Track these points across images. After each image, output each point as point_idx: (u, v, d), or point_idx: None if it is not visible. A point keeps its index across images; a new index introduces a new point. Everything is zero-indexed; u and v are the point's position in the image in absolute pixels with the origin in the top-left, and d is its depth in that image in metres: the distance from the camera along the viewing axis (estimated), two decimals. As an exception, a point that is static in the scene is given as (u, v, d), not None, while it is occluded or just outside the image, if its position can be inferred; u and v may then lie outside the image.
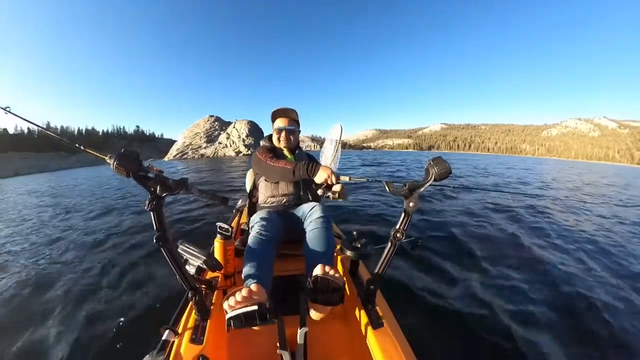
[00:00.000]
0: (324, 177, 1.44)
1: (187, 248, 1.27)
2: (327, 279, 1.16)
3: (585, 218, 5.31)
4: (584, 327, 2.08)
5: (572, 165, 39.92)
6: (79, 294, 2.50)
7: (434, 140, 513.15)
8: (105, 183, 12.61)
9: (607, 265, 3.10)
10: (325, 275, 1.16)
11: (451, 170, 1.07)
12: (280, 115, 1.95)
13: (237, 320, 1.00)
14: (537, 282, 2.66)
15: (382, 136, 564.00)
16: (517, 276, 2.74)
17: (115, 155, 0.92)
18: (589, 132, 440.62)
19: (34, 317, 2.22)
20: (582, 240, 3.88)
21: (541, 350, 1.84)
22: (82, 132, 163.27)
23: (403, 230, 1.16)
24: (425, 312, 2.13)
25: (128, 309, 2.21)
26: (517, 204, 6.05)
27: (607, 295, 2.47)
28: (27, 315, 2.26)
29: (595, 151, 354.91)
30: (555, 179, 13.64)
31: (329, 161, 1.71)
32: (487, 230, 4.19)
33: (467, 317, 2.10)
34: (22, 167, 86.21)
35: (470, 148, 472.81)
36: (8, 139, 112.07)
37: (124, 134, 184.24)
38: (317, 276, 1.16)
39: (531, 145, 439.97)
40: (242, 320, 1.00)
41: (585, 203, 6.98)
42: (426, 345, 1.78)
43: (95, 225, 4.97)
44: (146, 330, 1.96)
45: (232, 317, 0.99)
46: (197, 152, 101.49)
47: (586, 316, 2.19)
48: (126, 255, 3.32)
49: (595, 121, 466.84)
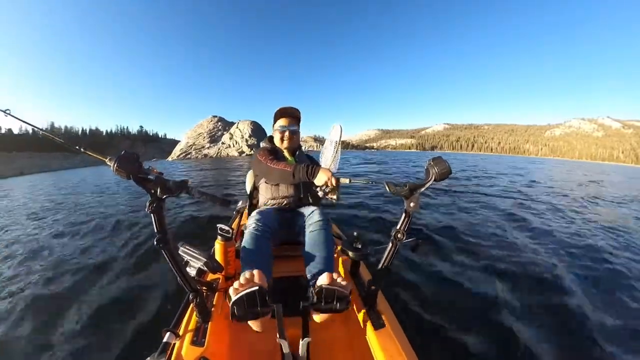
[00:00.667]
0: (324, 179, 1.44)
1: (187, 250, 1.27)
2: (333, 290, 1.11)
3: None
4: (590, 332, 2.05)
5: (579, 166, 39.49)
6: (79, 294, 2.50)
7: (436, 140, 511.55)
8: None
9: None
10: (332, 284, 1.13)
11: (451, 170, 1.08)
12: (284, 114, 1.93)
13: (240, 306, 1.02)
14: (541, 283, 2.64)
15: (385, 136, 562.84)
16: (523, 277, 2.72)
17: (116, 157, 0.91)
18: (592, 132, 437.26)
19: (33, 316, 2.22)
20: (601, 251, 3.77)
21: (544, 350, 1.83)
22: (86, 132, 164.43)
23: (404, 231, 1.16)
24: (426, 313, 2.11)
25: (129, 311, 2.20)
26: (520, 205, 6.01)
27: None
28: (27, 313, 2.26)
29: (600, 151, 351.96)
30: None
31: (329, 162, 1.71)
32: (491, 230, 4.17)
33: (469, 318, 2.09)
34: (27, 166, 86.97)
35: (473, 148, 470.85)
36: (12, 139, 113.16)
37: (128, 133, 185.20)
38: (322, 287, 1.12)
39: (534, 146, 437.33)
40: (245, 304, 1.02)
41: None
42: (428, 346, 1.77)
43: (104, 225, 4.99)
44: (147, 333, 1.95)
45: (235, 302, 1.01)
46: (200, 152, 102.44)
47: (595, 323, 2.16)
48: (126, 255, 3.33)
49: (599, 121, 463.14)
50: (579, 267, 3.03)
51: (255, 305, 1.03)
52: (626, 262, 3.20)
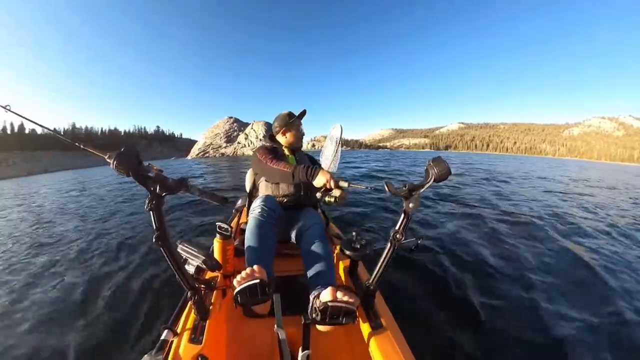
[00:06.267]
0: (323, 181, 1.43)
1: (186, 248, 1.27)
2: (339, 307, 1.06)
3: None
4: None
5: (607, 168, 37.97)
6: (78, 292, 2.53)
7: (451, 139, 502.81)
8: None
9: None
10: (336, 301, 1.07)
11: (451, 170, 1.06)
12: (300, 116, 1.98)
13: (243, 295, 1.09)
14: (543, 284, 2.58)
15: (399, 136, 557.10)
16: (520, 278, 2.67)
17: (115, 154, 0.92)
18: (613, 131, 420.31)
19: (31, 315, 2.25)
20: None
21: (544, 353, 1.81)
22: (105, 132, 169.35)
23: (403, 231, 1.15)
24: (424, 313, 2.10)
25: (127, 308, 2.21)
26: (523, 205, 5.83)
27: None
28: (26, 313, 2.29)
29: (619, 152, 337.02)
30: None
31: (329, 162, 1.70)
32: (492, 230, 4.09)
33: (468, 319, 2.07)
34: (51, 165, 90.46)
35: (489, 148, 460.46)
36: (34, 138, 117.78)
37: (145, 133, 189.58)
38: (327, 304, 1.06)
39: (551, 146, 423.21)
40: (247, 293, 1.09)
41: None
42: (425, 346, 1.74)
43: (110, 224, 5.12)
44: (145, 330, 1.94)
45: (239, 292, 1.09)
46: (217, 152, 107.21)
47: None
48: (126, 254, 3.37)
49: (620, 120, 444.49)
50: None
51: (256, 295, 1.10)
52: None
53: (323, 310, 1.07)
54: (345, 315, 1.08)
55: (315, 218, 1.66)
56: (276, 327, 1.10)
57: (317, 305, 1.09)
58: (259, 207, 1.54)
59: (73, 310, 2.29)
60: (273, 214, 1.55)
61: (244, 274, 1.12)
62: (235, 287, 1.10)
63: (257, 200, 1.64)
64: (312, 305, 1.17)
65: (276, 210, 1.60)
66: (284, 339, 1.09)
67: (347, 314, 1.08)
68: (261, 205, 1.55)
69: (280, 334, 1.09)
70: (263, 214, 1.51)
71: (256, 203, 1.61)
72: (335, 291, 1.09)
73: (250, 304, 1.13)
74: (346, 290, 1.11)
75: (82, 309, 2.28)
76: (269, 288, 1.12)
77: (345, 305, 1.07)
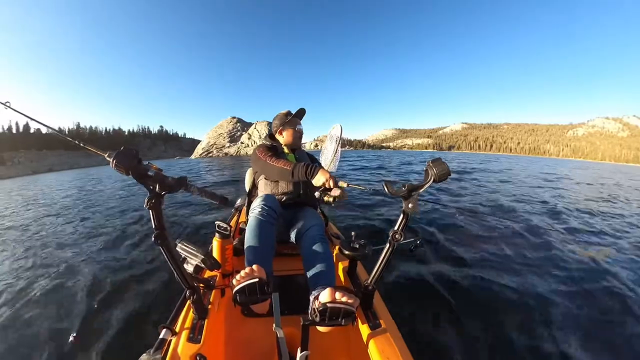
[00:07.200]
0: (322, 180, 1.43)
1: (185, 247, 1.27)
2: (338, 308, 1.06)
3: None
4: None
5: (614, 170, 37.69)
6: (77, 291, 2.53)
7: (454, 140, 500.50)
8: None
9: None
10: (335, 302, 1.07)
11: (450, 171, 1.05)
12: (298, 115, 1.98)
13: (242, 294, 1.10)
14: (543, 284, 2.58)
15: (402, 136, 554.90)
16: (520, 278, 2.67)
17: (114, 152, 0.92)
18: (617, 131, 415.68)
19: (30, 313, 2.26)
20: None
21: (542, 354, 1.80)
22: (109, 132, 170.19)
23: (402, 232, 1.15)
24: (423, 313, 2.10)
25: (126, 307, 2.21)
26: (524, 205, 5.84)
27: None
28: (25, 312, 2.29)
29: (624, 152, 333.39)
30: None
31: (329, 161, 1.69)
32: (492, 230, 4.08)
33: (467, 319, 2.06)
34: (56, 163, 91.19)
35: (492, 148, 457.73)
36: (39, 137, 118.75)
37: (149, 133, 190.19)
38: (327, 305, 1.06)
39: (555, 146, 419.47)
40: (246, 292, 1.10)
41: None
42: (423, 346, 1.76)
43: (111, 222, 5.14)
44: (144, 329, 1.96)
45: (238, 290, 1.09)
46: (221, 151, 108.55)
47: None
48: (125, 254, 3.37)
49: (625, 120, 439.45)
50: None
51: (255, 294, 1.11)
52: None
53: (322, 311, 1.07)
54: (345, 316, 1.08)
55: (315, 218, 1.65)
56: (275, 327, 1.10)
57: (316, 306, 1.09)
58: (260, 207, 1.54)
59: (71, 308, 2.28)
60: (273, 214, 1.55)
61: (244, 273, 1.13)
62: (234, 286, 1.11)
63: (258, 199, 1.63)
64: (312, 306, 1.17)
65: (276, 209, 1.59)
66: (283, 338, 1.09)
67: (346, 315, 1.08)
68: (262, 204, 1.55)
69: (279, 333, 1.09)
70: (263, 213, 1.51)
71: (256, 202, 1.60)
72: (335, 292, 1.09)
73: (249, 302, 1.14)
74: (345, 291, 1.11)
75: (79, 307, 2.28)
76: (268, 287, 1.12)
77: (344, 307, 1.07)
